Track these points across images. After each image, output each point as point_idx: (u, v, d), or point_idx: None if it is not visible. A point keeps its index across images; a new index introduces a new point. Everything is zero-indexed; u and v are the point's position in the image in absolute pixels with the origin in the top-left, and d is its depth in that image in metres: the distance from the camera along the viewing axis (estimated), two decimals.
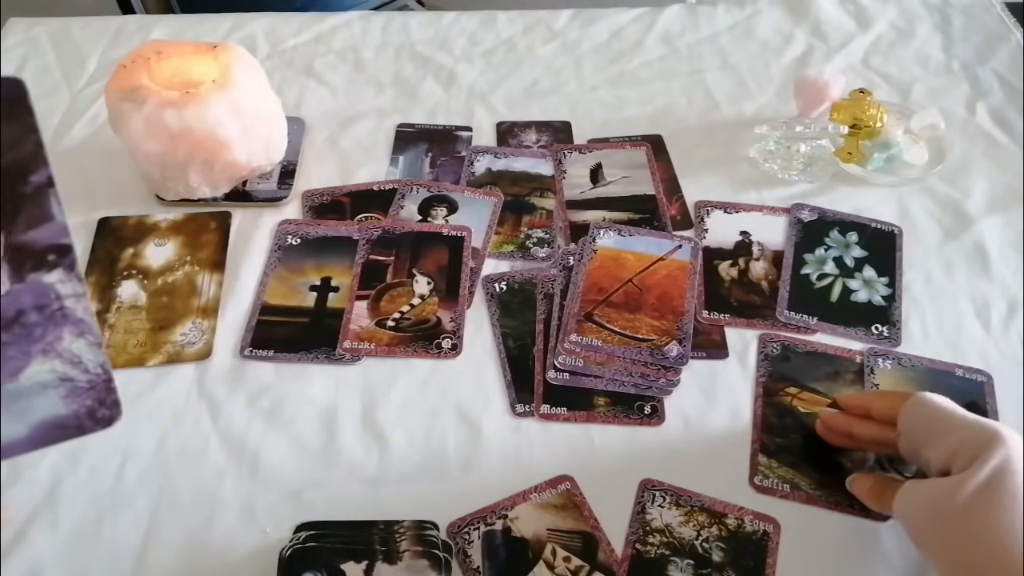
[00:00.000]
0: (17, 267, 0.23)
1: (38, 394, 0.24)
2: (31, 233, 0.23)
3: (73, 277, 0.24)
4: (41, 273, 0.23)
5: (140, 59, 0.66)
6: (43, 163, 0.23)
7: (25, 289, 0.23)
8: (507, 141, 0.77)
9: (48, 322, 0.24)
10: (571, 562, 0.48)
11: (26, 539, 0.49)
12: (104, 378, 0.24)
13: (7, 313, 0.23)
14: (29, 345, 0.24)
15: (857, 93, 0.74)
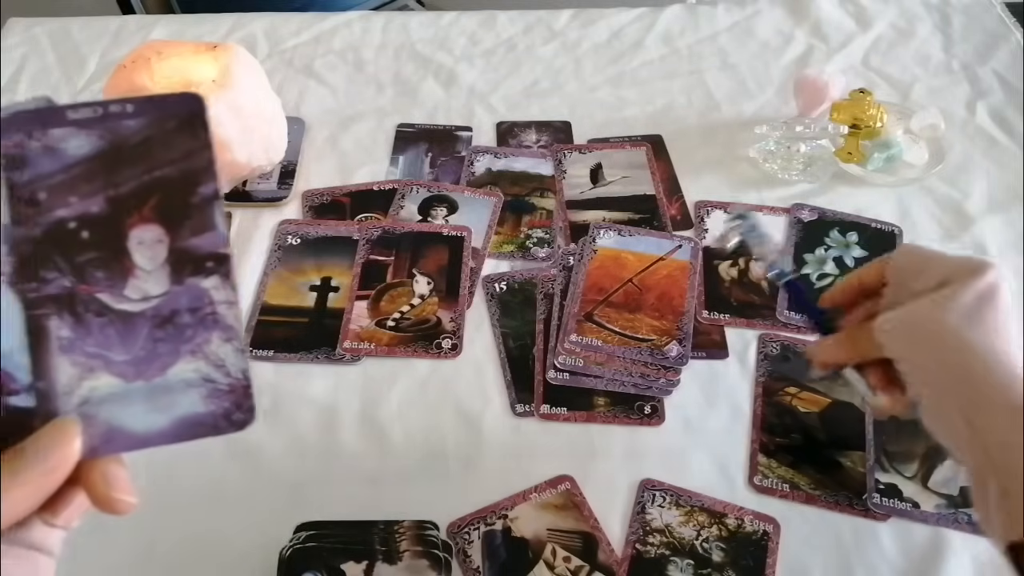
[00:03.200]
0: (178, 270, 0.25)
1: (182, 391, 0.26)
2: (194, 240, 0.25)
3: (227, 285, 0.26)
4: (199, 278, 0.25)
5: (140, 59, 0.66)
6: (213, 177, 0.25)
7: (182, 291, 0.25)
8: (507, 141, 0.77)
9: (199, 324, 0.25)
10: (571, 562, 0.48)
11: None
12: (243, 383, 0.26)
13: (163, 312, 0.25)
14: (180, 344, 0.25)
15: (857, 93, 0.74)
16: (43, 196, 0.24)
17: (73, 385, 0.25)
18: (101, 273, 0.25)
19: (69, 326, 0.25)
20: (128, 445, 0.26)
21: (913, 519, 0.50)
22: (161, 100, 0.25)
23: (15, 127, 0.24)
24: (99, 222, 0.25)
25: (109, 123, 0.25)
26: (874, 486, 0.51)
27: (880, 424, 0.55)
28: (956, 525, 0.50)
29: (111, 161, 0.25)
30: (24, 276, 0.25)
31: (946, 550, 0.49)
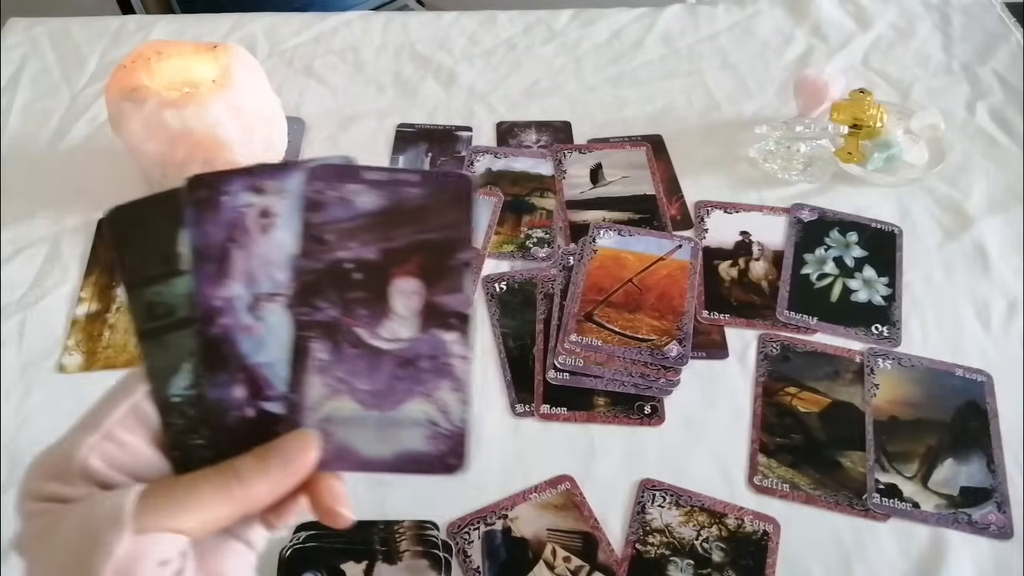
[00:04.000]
0: (426, 320, 0.29)
1: (408, 428, 0.29)
2: (444, 297, 0.29)
3: (465, 342, 0.29)
4: (442, 331, 0.29)
5: (140, 59, 0.66)
6: (470, 247, 0.29)
7: (426, 340, 0.29)
8: (507, 141, 0.77)
9: (435, 372, 0.29)
10: (571, 562, 0.48)
11: None
12: (462, 432, 0.29)
13: (407, 354, 0.29)
14: (415, 385, 0.29)
15: (857, 93, 0.74)
16: (330, 237, 0.29)
17: (320, 402, 0.29)
18: (364, 311, 0.29)
19: (327, 351, 0.29)
20: (354, 466, 0.29)
21: (913, 519, 0.50)
22: (440, 176, 0.29)
23: (320, 178, 0.29)
24: (371, 267, 0.29)
25: (395, 187, 0.29)
26: (874, 486, 0.51)
27: (880, 424, 0.55)
28: (956, 525, 0.50)
29: (390, 219, 0.29)
30: (301, 301, 0.29)
31: (946, 550, 0.49)
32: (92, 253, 0.66)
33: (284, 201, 0.29)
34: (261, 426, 0.28)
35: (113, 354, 0.59)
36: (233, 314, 0.28)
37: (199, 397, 0.28)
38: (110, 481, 0.25)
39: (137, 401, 0.27)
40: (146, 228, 0.29)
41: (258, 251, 0.28)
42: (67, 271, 0.65)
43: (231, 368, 0.28)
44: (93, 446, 0.26)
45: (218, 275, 0.28)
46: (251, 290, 0.28)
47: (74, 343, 0.60)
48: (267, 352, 0.29)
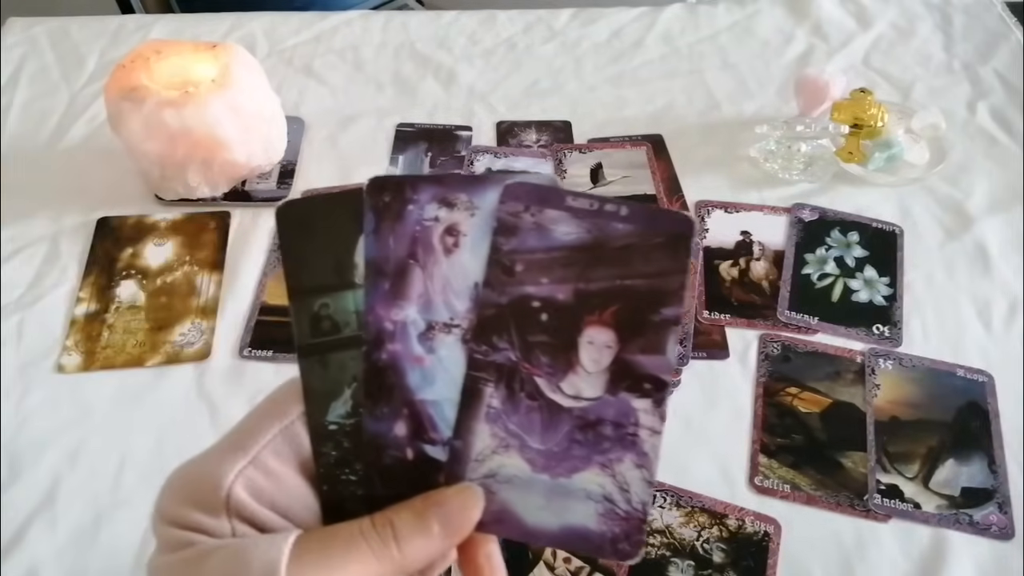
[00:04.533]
0: (616, 381, 0.25)
1: (579, 500, 0.25)
2: (641, 357, 0.25)
3: (657, 414, 0.25)
4: (632, 396, 0.25)
5: (139, 59, 0.66)
6: (679, 302, 0.25)
7: (613, 403, 0.25)
8: (507, 141, 0.77)
9: (618, 441, 0.25)
10: (571, 563, 0.48)
11: (25, 539, 0.49)
12: (640, 516, 0.25)
13: (589, 416, 0.25)
14: (594, 453, 0.25)
15: (858, 93, 0.74)
16: (519, 268, 0.25)
17: (486, 455, 0.25)
18: (547, 359, 0.25)
19: (501, 398, 0.25)
20: (514, 532, 0.25)
21: (914, 520, 0.50)
22: (654, 213, 0.25)
23: (519, 197, 0.25)
24: (561, 310, 0.25)
25: (600, 220, 0.25)
26: (875, 487, 0.51)
27: (881, 424, 0.54)
28: (957, 526, 0.50)
29: (590, 256, 0.25)
30: (478, 337, 0.25)
31: (947, 551, 0.49)
32: (91, 253, 0.66)
33: (474, 220, 0.25)
34: (418, 471, 0.25)
35: (112, 354, 0.59)
36: (404, 341, 0.25)
37: (356, 428, 0.25)
38: (255, 517, 0.24)
39: (288, 424, 0.25)
40: (321, 230, 0.26)
41: (439, 273, 0.25)
42: (66, 271, 0.65)
43: (395, 401, 0.25)
44: (240, 472, 0.23)
45: (393, 294, 0.25)
46: (426, 316, 0.25)
47: (73, 343, 0.60)
48: (435, 389, 0.25)
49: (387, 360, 0.25)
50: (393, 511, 0.24)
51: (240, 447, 0.24)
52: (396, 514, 0.24)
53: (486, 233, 0.25)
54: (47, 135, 0.78)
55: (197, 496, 0.23)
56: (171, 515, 0.23)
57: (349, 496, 0.25)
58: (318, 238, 0.26)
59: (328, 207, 0.26)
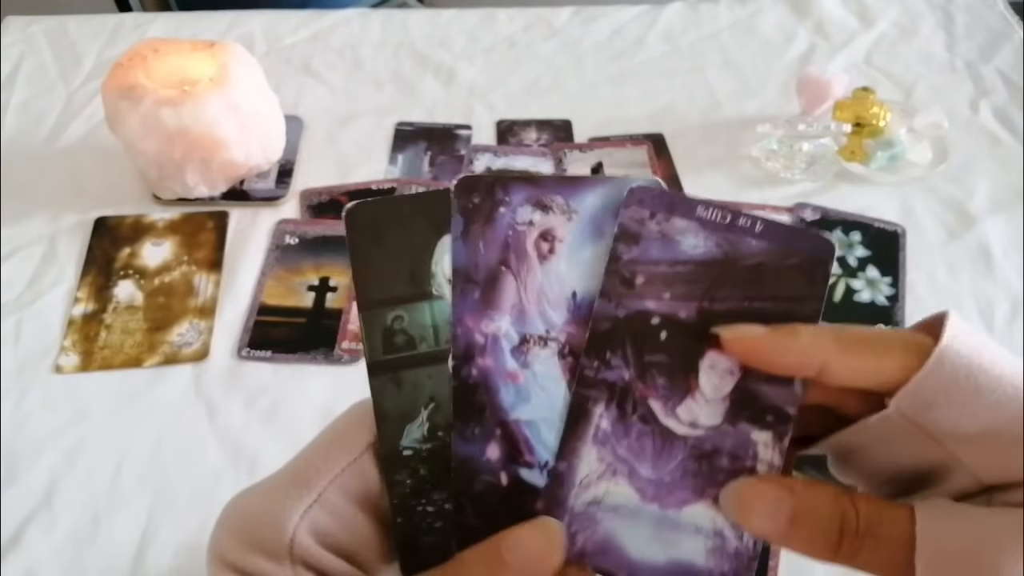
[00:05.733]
0: (736, 410, 0.23)
1: (689, 535, 0.23)
2: (765, 386, 0.23)
3: (777, 450, 0.23)
4: (753, 427, 0.23)
5: (137, 57, 0.66)
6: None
7: (731, 434, 0.23)
8: (507, 140, 0.77)
9: (734, 475, 0.23)
10: None
11: (23, 540, 0.49)
12: (751, 554, 0.23)
13: (705, 446, 0.23)
14: (707, 486, 0.23)
15: (860, 91, 0.74)
16: (639, 280, 0.23)
17: (591, 480, 0.23)
18: (663, 380, 0.23)
19: (611, 420, 0.23)
20: (618, 565, 0.23)
21: None
22: (792, 232, 0.23)
23: (642, 202, 0.23)
24: (682, 329, 0.23)
25: (732, 234, 0.23)
26: None
27: None
28: None
29: (718, 273, 0.23)
30: (590, 352, 0.23)
31: None
32: (88, 253, 0.66)
33: (571, 224, 0.23)
34: (513, 497, 0.23)
35: (110, 355, 0.59)
36: (496, 355, 0.23)
37: (434, 453, 0.23)
38: (320, 563, 0.22)
39: (357, 457, 0.23)
40: (395, 235, 0.24)
41: (533, 282, 0.23)
42: (63, 271, 0.65)
43: (487, 421, 0.23)
44: (304, 514, 0.22)
45: (484, 304, 0.23)
46: (519, 329, 0.23)
47: (70, 343, 0.59)
48: (531, 408, 0.23)
49: (478, 376, 0.23)
50: (465, 560, 0.22)
51: (304, 483, 0.22)
52: (468, 565, 0.22)
53: (585, 240, 0.23)
54: (45, 134, 0.77)
55: (258, 539, 0.22)
56: (230, 559, 0.22)
57: (426, 529, 0.23)
58: (392, 243, 0.24)
59: (403, 210, 0.24)
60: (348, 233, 0.24)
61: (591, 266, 0.23)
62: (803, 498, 0.21)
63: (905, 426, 0.21)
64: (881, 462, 0.23)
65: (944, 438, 0.21)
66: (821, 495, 0.21)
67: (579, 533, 0.23)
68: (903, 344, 0.22)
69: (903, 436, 0.22)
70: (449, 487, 0.24)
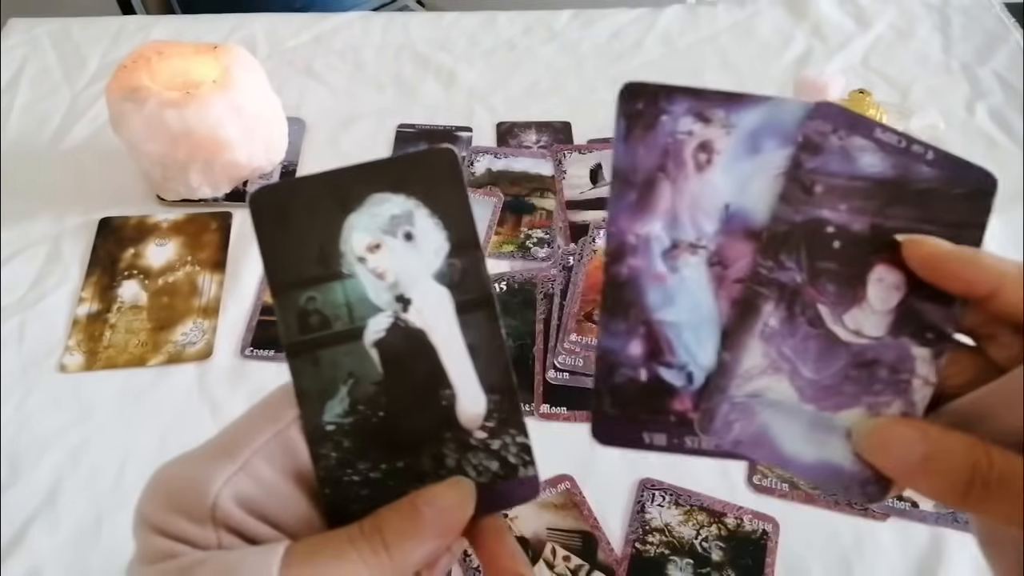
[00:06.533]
0: (899, 325, 0.24)
1: (839, 437, 0.24)
2: (927, 305, 0.24)
3: (935, 365, 0.24)
4: (913, 342, 0.24)
5: (141, 59, 0.66)
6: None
7: (893, 346, 0.24)
8: (507, 141, 0.77)
9: (891, 385, 0.24)
10: (571, 561, 0.48)
11: (26, 539, 0.50)
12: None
13: (867, 355, 0.24)
14: (863, 393, 0.24)
15: (857, 93, 0.74)
16: (819, 189, 0.24)
17: (754, 374, 0.24)
18: (833, 287, 0.24)
19: (780, 319, 0.24)
20: (770, 457, 0.24)
21: (912, 518, 0.50)
22: (960, 163, 0.25)
23: (826, 117, 0.24)
24: (855, 241, 0.24)
25: (906, 158, 0.24)
26: None
27: None
28: (955, 524, 0.50)
29: (891, 193, 0.24)
30: (765, 252, 0.24)
31: (945, 550, 0.49)
32: (93, 253, 0.66)
33: (729, 138, 0.24)
34: (650, 393, 0.24)
35: (114, 354, 0.59)
36: (647, 256, 0.24)
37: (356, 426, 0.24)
38: (242, 527, 0.23)
39: (283, 428, 0.24)
40: (302, 217, 0.24)
41: (689, 190, 0.24)
42: (68, 271, 0.65)
43: (632, 319, 0.24)
44: (228, 480, 0.22)
45: (639, 207, 0.24)
46: (671, 234, 0.24)
47: (75, 343, 0.60)
48: (676, 310, 0.24)
49: (627, 275, 0.24)
50: (382, 515, 0.23)
51: (229, 452, 0.23)
52: (385, 519, 0.23)
53: (741, 154, 0.24)
54: (49, 136, 0.78)
55: (182, 503, 0.22)
56: (154, 521, 0.22)
57: (354, 497, 0.24)
58: (299, 225, 0.24)
59: (307, 190, 0.24)
60: (253, 218, 0.24)
61: (746, 180, 0.24)
62: (936, 442, 0.22)
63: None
64: (1009, 426, 0.22)
65: None
66: (956, 441, 0.22)
67: (736, 422, 0.24)
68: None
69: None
70: (372, 457, 0.24)
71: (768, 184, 0.24)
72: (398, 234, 0.24)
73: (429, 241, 0.25)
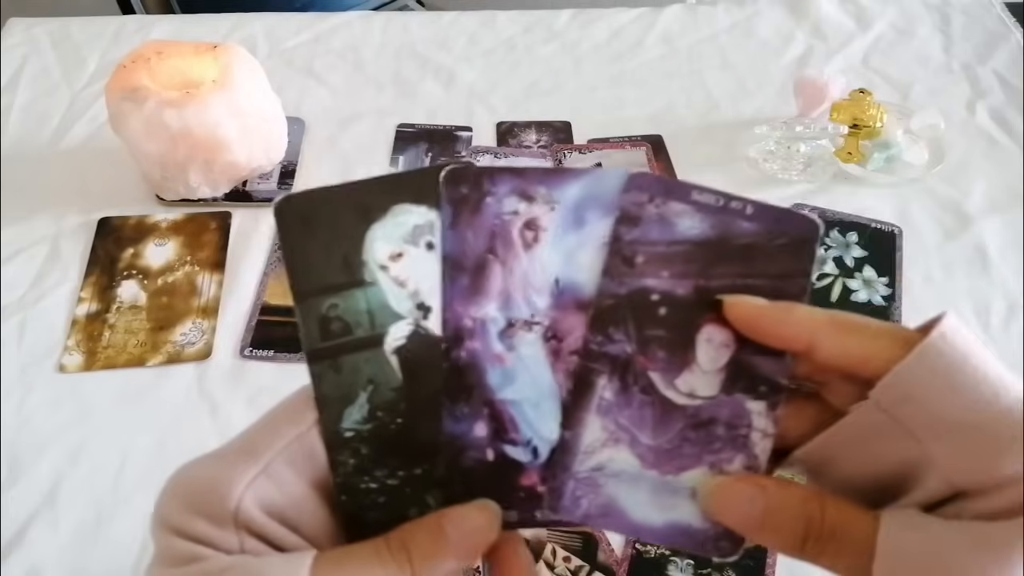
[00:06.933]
0: (731, 381, 0.25)
1: (685, 498, 0.25)
2: (757, 358, 0.24)
3: (771, 417, 0.24)
4: (747, 397, 0.25)
5: (140, 59, 0.66)
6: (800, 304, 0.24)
7: (727, 403, 0.25)
8: (507, 141, 0.77)
9: (729, 442, 0.25)
10: (571, 562, 0.48)
11: (26, 539, 0.49)
12: None
13: (702, 415, 0.25)
14: (704, 453, 0.25)
15: (857, 93, 0.74)
16: (640, 260, 0.24)
17: (595, 448, 0.25)
18: (663, 353, 0.25)
19: (614, 391, 0.25)
20: (619, 527, 0.25)
21: None
22: (780, 213, 0.24)
23: (641, 187, 0.24)
24: (680, 305, 0.24)
25: (725, 216, 0.24)
26: None
27: None
28: None
29: (712, 253, 0.24)
30: (594, 327, 0.25)
31: None
32: (92, 253, 0.66)
33: (553, 214, 0.24)
34: (499, 472, 0.25)
35: (113, 354, 0.59)
36: (484, 338, 0.25)
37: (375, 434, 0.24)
38: (263, 531, 0.22)
39: (304, 432, 0.24)
40: (325, 225, 0.25)
41: (519, 269, 0.25)
42: (67, 271, 0.65)
43: (475, 401, 0.25)
44: (251, 482, 0.22)
45: (472, 290, 0.25)
46: (506, 314, 0.25)
47: (74, 343, 0.60)
48: (517, 388, 0.25)
49: (467, 358, 0.25)
50: (409, 531, 0.23)
51: (252, 454, 0.23)
52: (411, 536, 0.23)
53: (566, 228, 0.25)
54: (48, 135, 0.78)
55: (203, 505, 0.22)
56: (174, 523, 0.22)
57: (370, 505, 0.24)
58: (323, 234, 0.24)
59: (332, 200, 0.25)
60: (279, 226, 0.25)
61: (573, 253, 0.25)
62: (775, 497, 0.23)
63: (883, 421, 0.22)
64: (856, 467, 0.23)
65: (920, 432, 0.22)
66: (792, 495, 0.23)
67: (583, 498, 0.25)
68: (892, 334, 0.23)
69: (880, 433, 0.22)
70: (390, 464, 0.25)
71: (594, 255, 0.25)
72: (420, 243, 0.25)
73: None
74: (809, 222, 0.24)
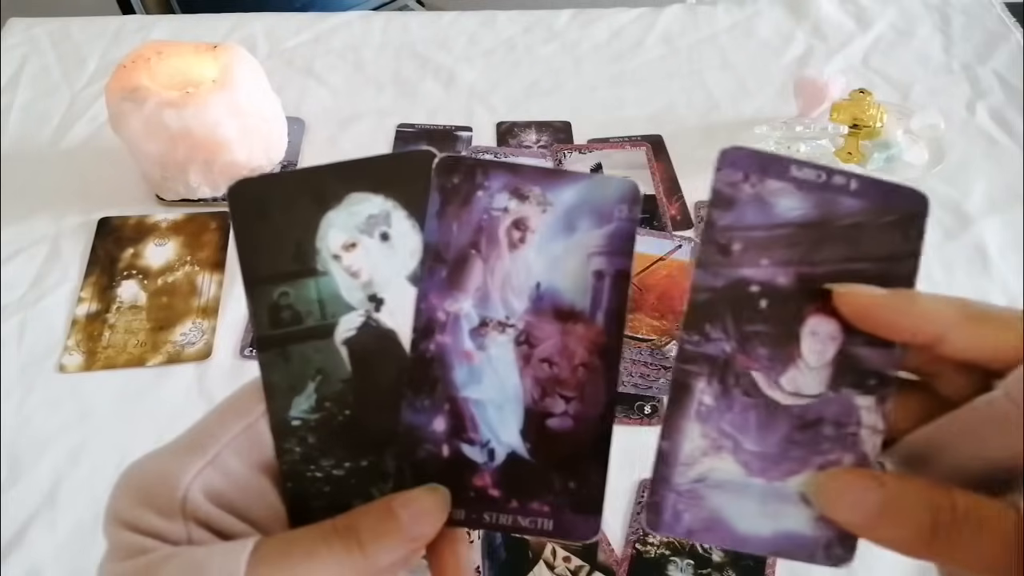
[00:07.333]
0: (838, 376, 0.23)
1: (794, 505, 0.23)
2: (866, 350, 0.22)
3: (880, 412, 0.23)
4: (855, 392, 0.23)
5: (140, 59, 0.66)
6: (911, 287, 0.23)
7: (834, 401, 0.23)
8: (507, 141, 0.77)
9: (838, 441, 0.23)
10: (571, 562, 0.48)
11: (26, 539, 0.49)
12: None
13: (809, 415, 0.23)
14: (812, 455, 0.23)
15: (857, 93, 0.74)
16: (736, 247, 0.23)
17: (696, 457, 0.23)
18: (765, 350, 0.23)
19: (714, 394, 0.23)
20: (725, 540, 0.23)
21: None
22: (887, 187, 0.22)
23: (735, 165, 0.23)
24: (782, 296, 0.22)
25: (828, 193, 0.22)
26: None
27: None
28: None
29: (816, 235, 0.22)
30: (689, 326, 0.23)
31: None
32: (92, 253, 0.66)
33: (545, 216, 0.24)
34: (452, 469, 0.24)
35: (113, 354, 0.59)
36: (455, 334, 0.24)
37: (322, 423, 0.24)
38: (212, 521, 0.23)
39: (252, 422, 0.24)
40: (279, 212, 0.24)
41: (500, 268, 0.24)
42: (67, 271, 0.65)
43: (437, 395, 0.24)
44: (198, 474, 0.22)
45: (450, 284, 0.24)
46: (481, 312, 0.24)
47: (74, 343, 0.60)
48: (481, 388, 0.24)
49: (434, 351, 0.24)
50: (358, 514, 0.23)
51: (198, 446, 0.23)
52: (359, 519, 0.23)
53: (555, 233, 0.23)
54: (48, 135, 0.78)
55: (152, 498, 0.22)
56: (123, 517, 0.22)
57: (316, 493, 0.24)
58: (276, 219, 0.24)
59: (287, 185, 0.24)
60: (232, 210, 0.24)
61: (558, 259, 0.24)
62: (893, 489, 0.21)
63: (1008, 412, 0.20)
64: (966, 459, 0.21)
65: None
66: (913, 483, 0.21)
67: (685, 512, 0.23)
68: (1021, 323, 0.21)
69: (1002, 425, 0.20)
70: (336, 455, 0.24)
71: (581, 264, 0.24)
72: (374, 234, 0.24)
73: (405, 242, 0.24)
74: (919, 196, 0.22)
